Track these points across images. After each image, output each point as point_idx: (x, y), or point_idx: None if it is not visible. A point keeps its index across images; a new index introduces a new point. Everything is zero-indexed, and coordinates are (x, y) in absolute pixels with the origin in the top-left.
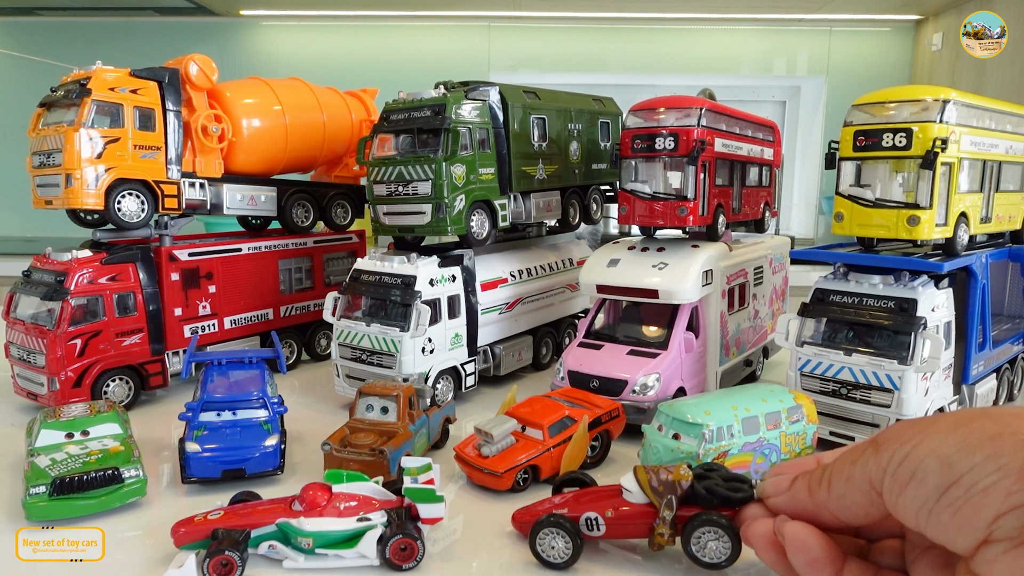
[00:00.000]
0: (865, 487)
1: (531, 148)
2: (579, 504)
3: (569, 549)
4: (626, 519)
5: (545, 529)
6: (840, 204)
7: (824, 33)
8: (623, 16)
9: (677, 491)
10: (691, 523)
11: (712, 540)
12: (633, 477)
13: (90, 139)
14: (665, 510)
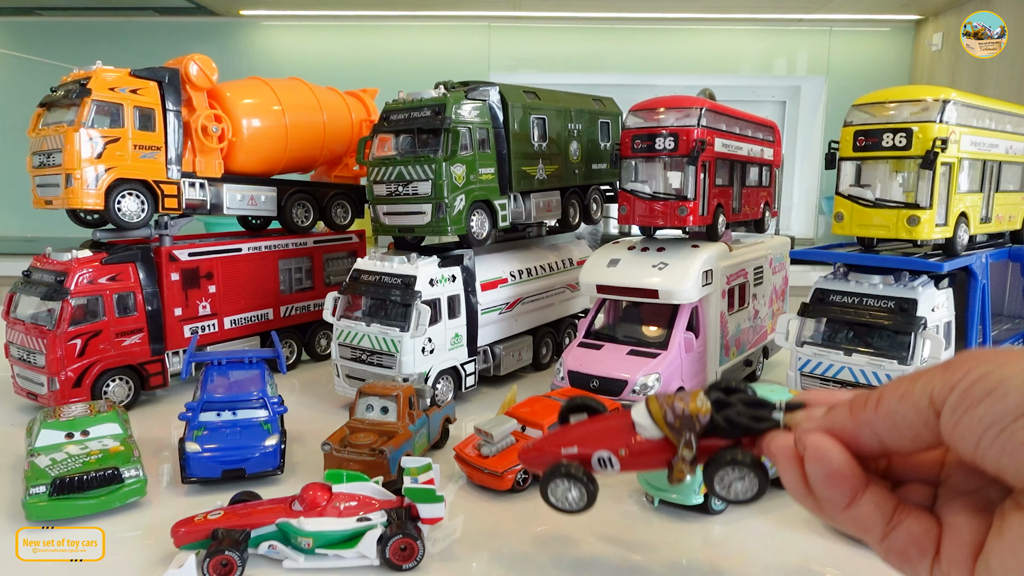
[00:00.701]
0: (923, 404)
1: (531, 148)
2: (591, 441)
3: (584, 498)
4: (641, 455)
5: (557, 480)
6: (840, 204)
7: (824, 33)
8: (623, 16)
9: (695, 426)
10: (713, 463)
11: (737, 480)
12: (646, 410)
13: (90, 139)
14: (684, 450)
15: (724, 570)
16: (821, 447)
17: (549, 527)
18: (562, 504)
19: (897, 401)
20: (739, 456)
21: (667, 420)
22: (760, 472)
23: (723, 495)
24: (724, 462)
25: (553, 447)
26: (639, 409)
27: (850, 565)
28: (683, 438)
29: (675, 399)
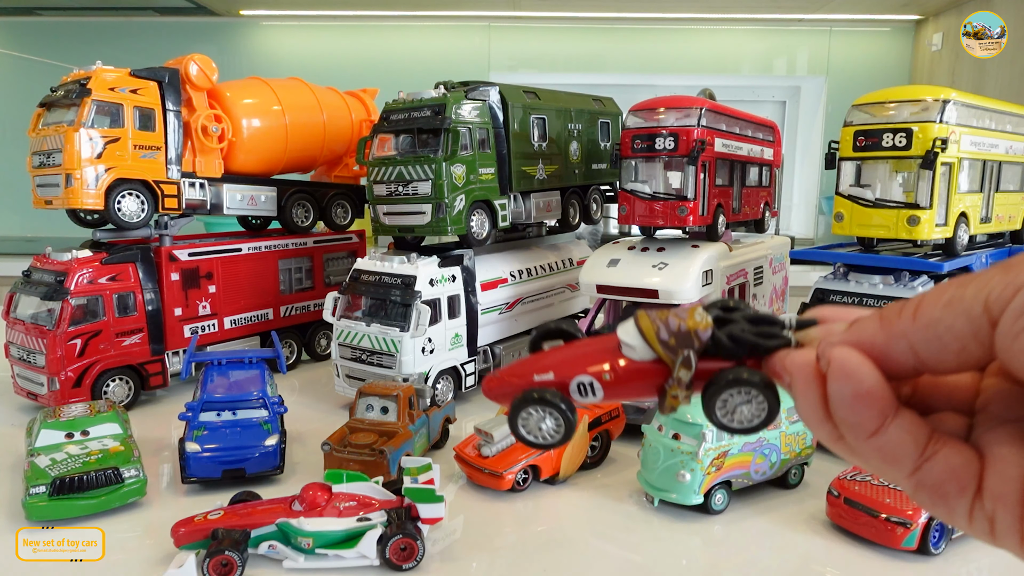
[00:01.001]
0: (975, 311)
1: (531, 148)
2: (569, 365)
3: (561, 427)
4: (629, 380)
5: (530, 407)
6: (840, 204)
7: (824, 33)
8: (623, 16)
9: (694, 344)
10: (715, 384)
11: (743, 403)
12: (635, 328)
13: (90, 139)
14: (681, 370)
15: (724, 570)
16: (849, 363)
17: (549, 527)
18: (536, 436)
19: (942, 308)
20: (745, 375)
21: (660, 338)
22: (770, 392)
23: (725, 423)
24: (727, 382)
25: (524, 374)
26: (627, 327)
27: (850, 565)
28: (679, 357)
29: (669, 315)
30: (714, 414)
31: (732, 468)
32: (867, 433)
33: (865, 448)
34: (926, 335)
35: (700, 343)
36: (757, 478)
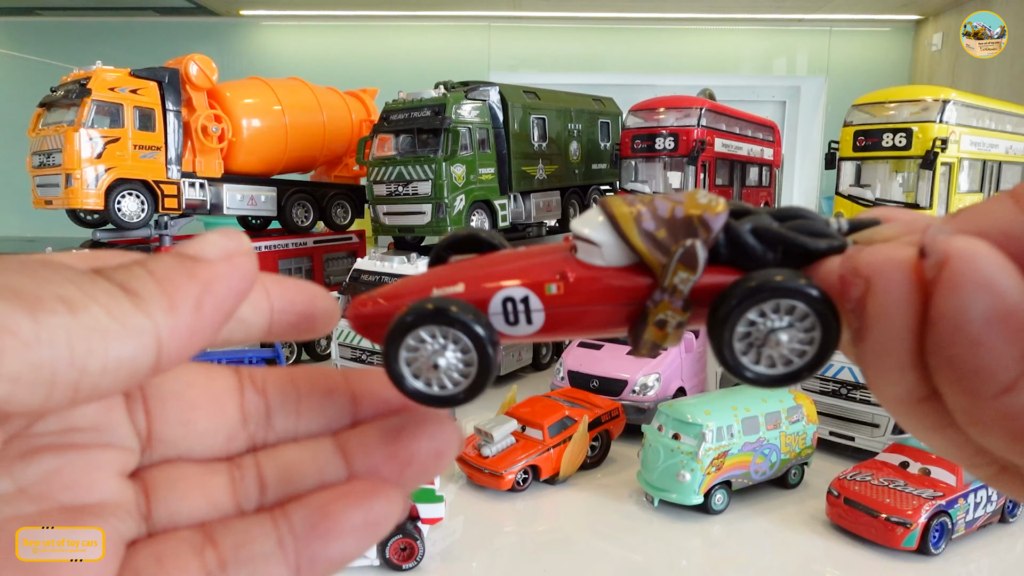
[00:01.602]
0: None
1: (531, 148)
2: (490, 273)
3: (474, 364)
4: (588, 296)
5: (419, 329)
6: (840, 204)
7: (824, 33)
8: (623, 16)
9: (699, 234)
10: (733, 298)
11: (781, 330)
12: (604, 217)
13: (90, 139)
14: (679, 271)
15: (724, 570)
16: (983, 262)
17: (549, 527)
18: (431, 381)
19: None
20: (786, 278)
21: (643, 228)
22: (826, 309)
23: (747, 365)
24: (756, 291)
25: (416, 291)
26: (589, 218)
27: (850, 565)
28: (676, 253)
29: (657, 198)
30: (731, 350)
31: (732, 468)
32: (999, 386)
33: (986, 411)
34: None
35: (709, 234)
36: (757, 478)
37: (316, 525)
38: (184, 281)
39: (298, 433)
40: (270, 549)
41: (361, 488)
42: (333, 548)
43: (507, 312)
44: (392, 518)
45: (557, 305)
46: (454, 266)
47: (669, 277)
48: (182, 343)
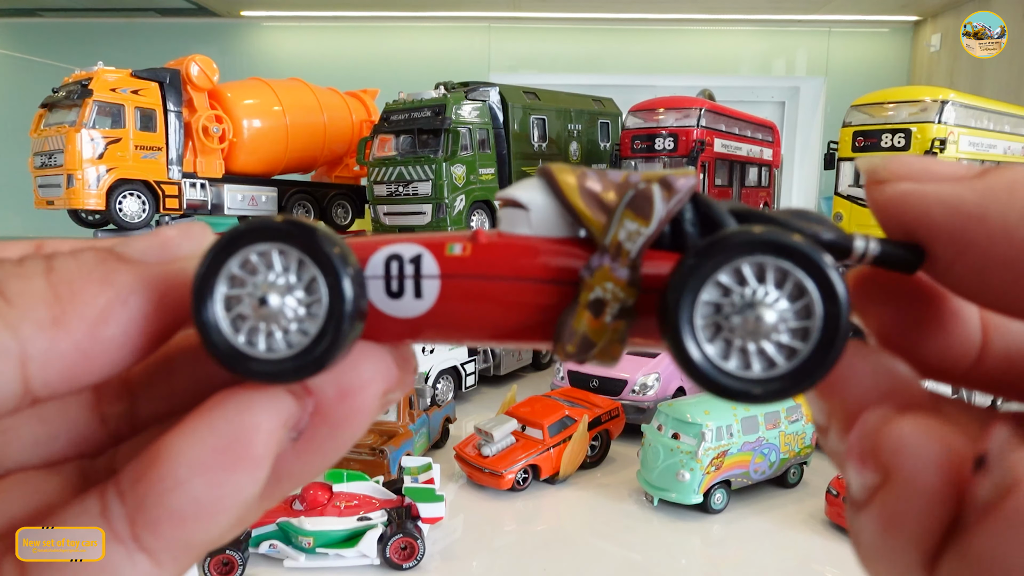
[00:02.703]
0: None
1: (531, 148)
2: (380, 238)
3: (315, 320)
4: (503, 264)
5: (252, 248)
6: (839, 204)
7: (823, 34)
8: (623, 17)
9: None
10: (701, 248)
11: (767, 305)
12: (540, 179)
13: (91, 140)
14: (627, 219)
15: (723, 568)
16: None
17: (549, 526)
18: (252, 336)
19: None
20: (780, 236)
21: (586, 188)
22: (837, 293)
23: (710, 357)
24: (741, 243)
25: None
26: (526, 183)
27: (849, 564)
28: (623, 198)
29: (610, 170)
30: (690, 328)
31: (731, 467)
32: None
33: None
34: None
35: (672, 194)
36: (756, 477)
37: (142, 476)
38: (90, 287)
39: (171, 413)
40: (89, 521)
41: (204, 408)
42: (174, 498)
43: (390, 276)
44: (262, 434)
45: (458, 272)
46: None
47: (613, 230)
48: (67, 368)
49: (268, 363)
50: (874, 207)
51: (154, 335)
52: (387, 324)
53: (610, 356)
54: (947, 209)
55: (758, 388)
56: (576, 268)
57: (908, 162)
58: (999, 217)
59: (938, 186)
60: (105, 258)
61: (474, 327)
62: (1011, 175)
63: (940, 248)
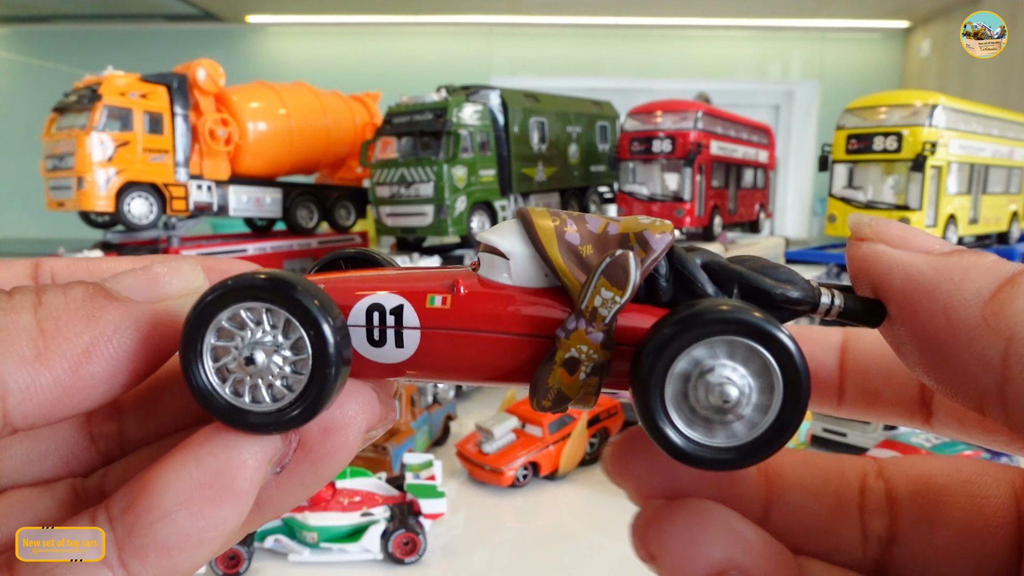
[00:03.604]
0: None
1: (531, 150)
2: (363, 281)
3: (302, 374)
4: (482, 317)
5: (237, 306)
6: (833, 206)
7: (817, 40)
8: (621, 22)
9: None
10: (677, 323)
11: (731, 383)
12: (517, 226)
13: (101, 143)
14: (603, 287)
15: None
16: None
17: (548, 522)
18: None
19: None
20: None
21: (565, 240)
22: (798, 372)
23: (676, 424)
24: (716, 323)
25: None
26: (502, 226)
27: None
28: (599, 267)
29: (592, 215)
30: (659, 398)
31: None
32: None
33: None
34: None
35: (647, 254)
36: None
37: (131, 505)
38: (75, 324)
39: (158, 434)
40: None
41: (193, 442)
42: (161, 529)
43: (371, 326)
44: (246, 471)
45: (439, 324)
46: (333, 274)
47: (589, 296)
48: (47, 402)
49: (255, 415)
50: (849, 260)
51: (139, 371)
52: (369, 367)
53: (585, 405)
54: (904, 276)
55: (720, 456)
56: (552, 325)
57: (890, 226)
58: (944, 295)
59: (905, 254)
60: (94, 295)
61: (453, 372)
62: (972, 259)
63: (892, 310)
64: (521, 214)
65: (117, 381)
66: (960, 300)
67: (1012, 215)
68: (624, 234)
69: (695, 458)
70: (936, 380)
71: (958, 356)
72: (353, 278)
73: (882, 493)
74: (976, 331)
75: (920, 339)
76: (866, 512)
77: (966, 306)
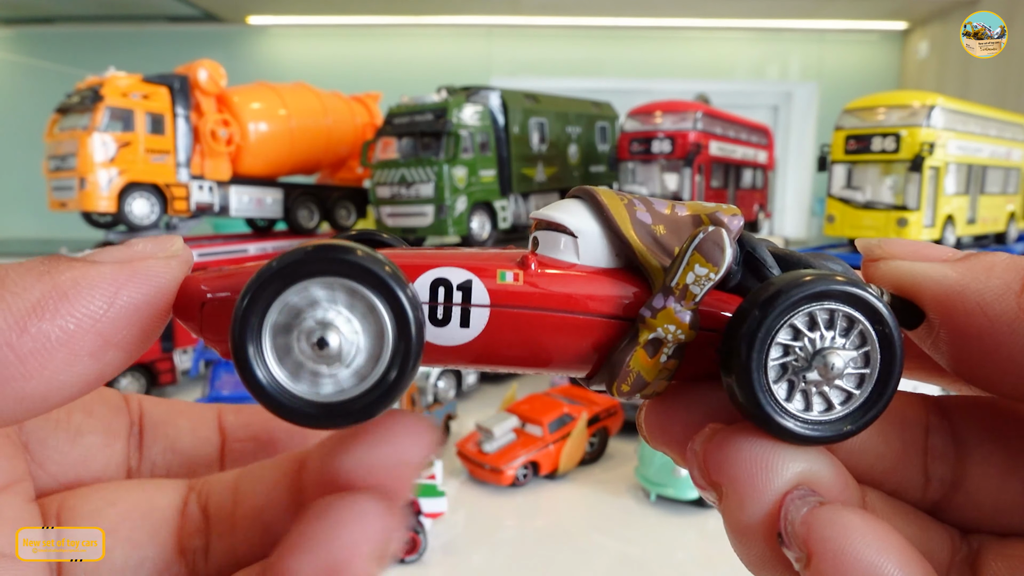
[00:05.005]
0: None
1: (531, 151)
2: (421, 255)
3: (383, 356)
4: (556, 296)
5: (306, 283)
6: (832, 206)
7: (815, 41)
8: (620, 23)
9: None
10: (775, 295)
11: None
12: (587, 205)
13: (103, 143)
14: (696, 264)
15: (718, 563)
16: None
17: (548, 521)
18: (317, 377)
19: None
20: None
21: (638, 220)
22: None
23: (782, 403)
24: (820, 291)
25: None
26: (564, 203)
27: None
28: (691, 242)
29: (654, 198)
30: (762, 376)
31: None
32: None
33: None
34: None
35: (735, 244)
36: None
37: None
38: (24, 278)
39: (235, 552)
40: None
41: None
42: None
43: (435, 302)
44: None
45: (510, 302)
46: (399, 250)
47: (681, 272)
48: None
49: (330, 406)
50: (871, 280)
51: (107, 335)
52: (429, 351)
53: (656, 391)
54: (933, 284)
55: (828, 430)
56: (628, 306)
57: (901, 243)
58: (976, 294)
59: (927, 264)
60: (52, 258)
61: (517, 358)
62: (988, 259)
63: (929, 316)
64: (586, 192)
65: (80, 347)
66: (993, 296)
67: (1009, 215)
68: (696, 215)
69: (805, 433)
70: (980, 376)
71: (1003, 348)
72: (422, 253)
73: (948, 436)
74: (1018, 321)
75: (962, 338)
76: (930, 456)
77: (1000, 300)
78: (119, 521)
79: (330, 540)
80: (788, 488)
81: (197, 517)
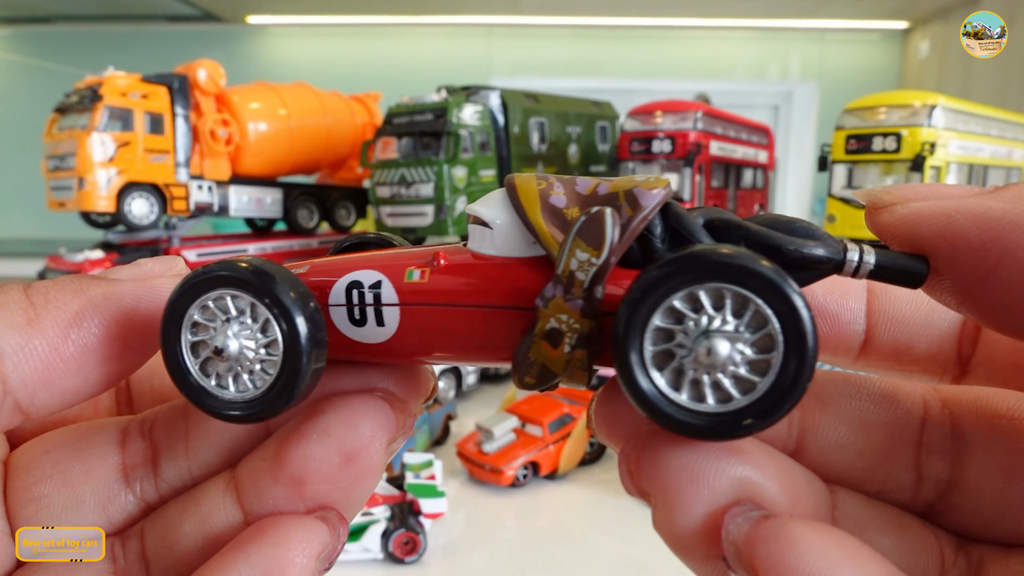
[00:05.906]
0: None
1: (531, 151)
2: (346, 261)
3: (274, 363)
4: (461, 290)
5: (208, 295)
6: (832, 206)
7: (816, 40)
8: (621, 23)
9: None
10: (653, 270)
11: (723, 335)
12: (501, 195)
13: (102, 143)
14: (577, 248)
15: None
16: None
17: (548, 521)
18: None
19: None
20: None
21: (549, 204)
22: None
23: (659, 387)
24: (698, 267)
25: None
26: (489, 198)
27: None
28: (573, 226)
29: (586, 177)
30: (638, 356)
31: None
32: None
33: None
34: None
35: (635, 213)
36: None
37: None
38: (63, 295)
39: (192, 473)
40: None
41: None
42: None
43: (352, 304)
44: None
45: (417, 299)
46: (324, 258)
47: (564, 259)
48: (43, 368)
49: (226, 403)
50: (881, 230)
51: (129, 346)
52: (355, 348)
53: (577, 382)
54: (976, 218)
55: (710, 424)
56: (531, 295)
57: (913, 186)
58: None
59: (959, 200)
60: (80, 277)
61: (438, 351)
62: (1019, 188)
63: (965, 262)
64: (507, 181)
65: (107, 350)
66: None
67: None
68: (614, 193)
69: (681, 422)
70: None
71: None
72: (342, 259)
73: (947, 430)
74: None
75: (1003, 283)
76: (925, 451)
77: None
78: (53, 466)
79: (273, 547)
80: (723, 501)
81: (141, 446)
